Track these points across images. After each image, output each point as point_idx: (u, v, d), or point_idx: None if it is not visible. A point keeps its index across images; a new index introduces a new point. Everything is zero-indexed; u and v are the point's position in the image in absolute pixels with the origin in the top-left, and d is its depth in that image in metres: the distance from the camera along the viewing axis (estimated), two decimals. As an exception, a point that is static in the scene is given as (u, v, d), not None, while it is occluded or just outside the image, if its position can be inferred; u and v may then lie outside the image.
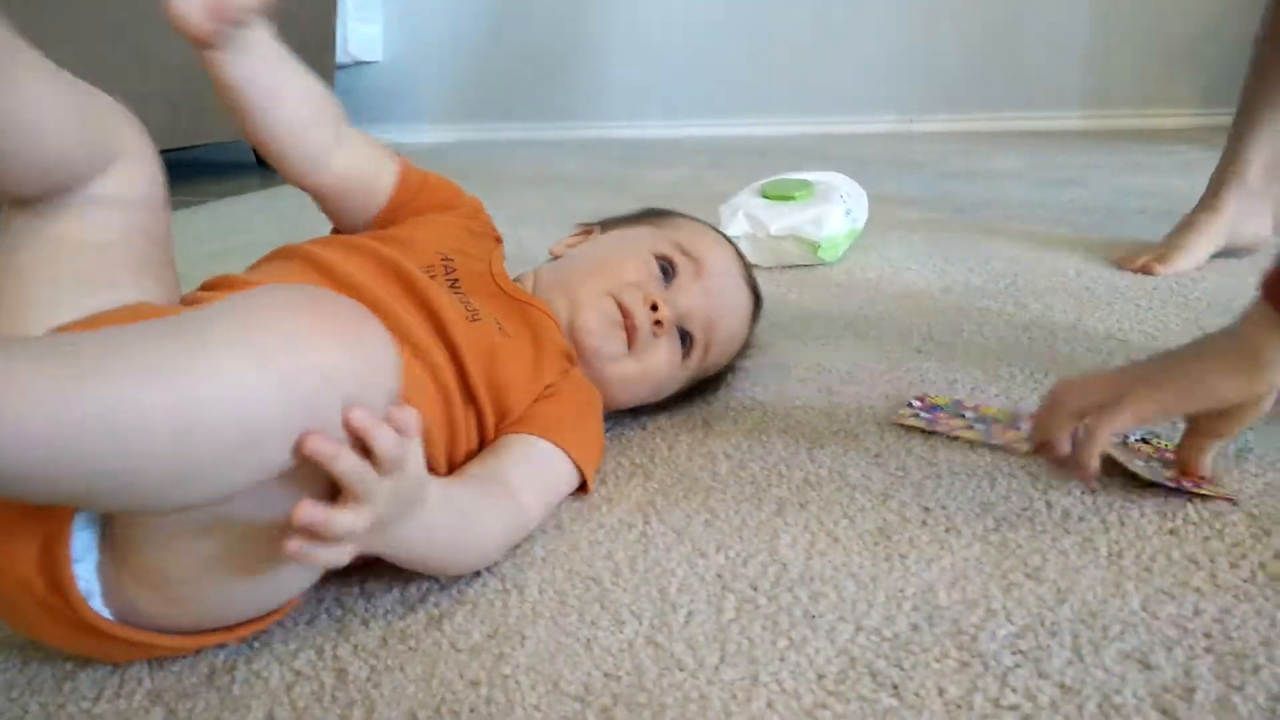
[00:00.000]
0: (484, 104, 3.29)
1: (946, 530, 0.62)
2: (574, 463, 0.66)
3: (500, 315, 0.68)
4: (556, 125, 3.19)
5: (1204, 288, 1.14)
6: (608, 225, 0.85)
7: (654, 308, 0.72)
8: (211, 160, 2.63)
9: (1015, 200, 1.75)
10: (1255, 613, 0.52)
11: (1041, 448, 0.65)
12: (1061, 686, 0.47)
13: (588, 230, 0.86)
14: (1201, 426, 0.64)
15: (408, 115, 3.33)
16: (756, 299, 0.84)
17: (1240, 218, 1.22)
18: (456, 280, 0.68)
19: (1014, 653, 0.49)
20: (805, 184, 1.41)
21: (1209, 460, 0.65)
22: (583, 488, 0.67)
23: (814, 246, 1.31)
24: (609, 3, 3.10)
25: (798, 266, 1.32)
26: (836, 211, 1.35)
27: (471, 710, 0.47)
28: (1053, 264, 1.28)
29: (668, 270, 0.76)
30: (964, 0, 2.84)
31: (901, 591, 0.55)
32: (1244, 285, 1.06)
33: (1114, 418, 0.60)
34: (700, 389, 0.84)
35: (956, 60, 2.89)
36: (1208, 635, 0.50)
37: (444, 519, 0.52)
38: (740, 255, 0.84)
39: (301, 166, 0.67)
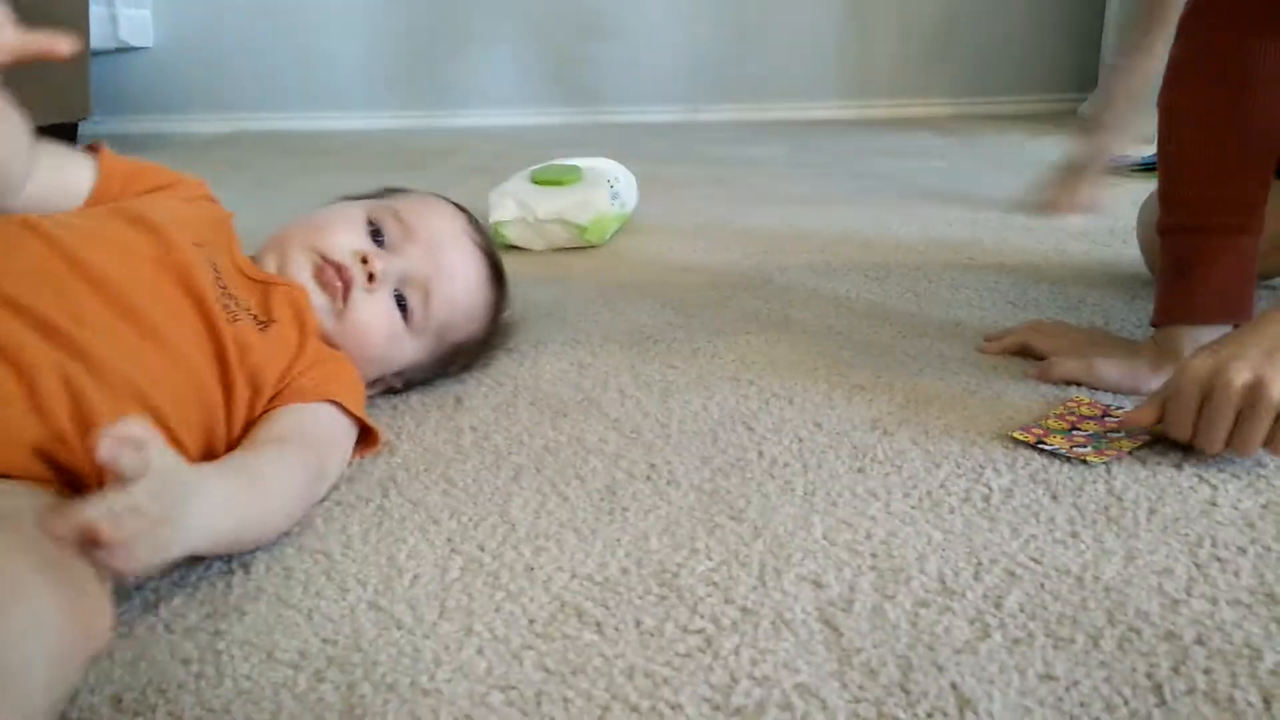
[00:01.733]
0: (258, 93, 3.15)
1: (668, 483, 0.67)
2: (341, 406, 0.68)
3: (255, 303, 0.68)
4: (326, 115, 3.10)
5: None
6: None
7: (364, 261, 0.74)
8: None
9: (776, 182, 1.86)
10: (916, 534, 0.59)
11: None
12: (743, 609, 0.52)
13: None
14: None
15: (180, 104, 3.15)
16: (494, 268, 0.85)
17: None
18: (219, 276, 0.66)
19: (707, 585, 0.54)
20: (574, 169, 1.45)
21: None
22: (369, 437, 0.70)
23: (580, 229, 1.35)
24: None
25: (566, 250, 1.36)
26: (602, 196, 1.40)
27: (179, 686, 0.47)
28: (802, 242, 1.37)
29: (378, 234, 0.77)
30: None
31: (618, 540, 0.59)
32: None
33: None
34: (456, 364, 0.85)
35: (728, 53, 3.01)
36: (874, 555, 0.57)
37: (232, 487, 0.53)
38: (473, 225, 0.84)
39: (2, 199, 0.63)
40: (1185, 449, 0.69)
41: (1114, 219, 1.43)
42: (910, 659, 0.48)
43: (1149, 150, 1.93)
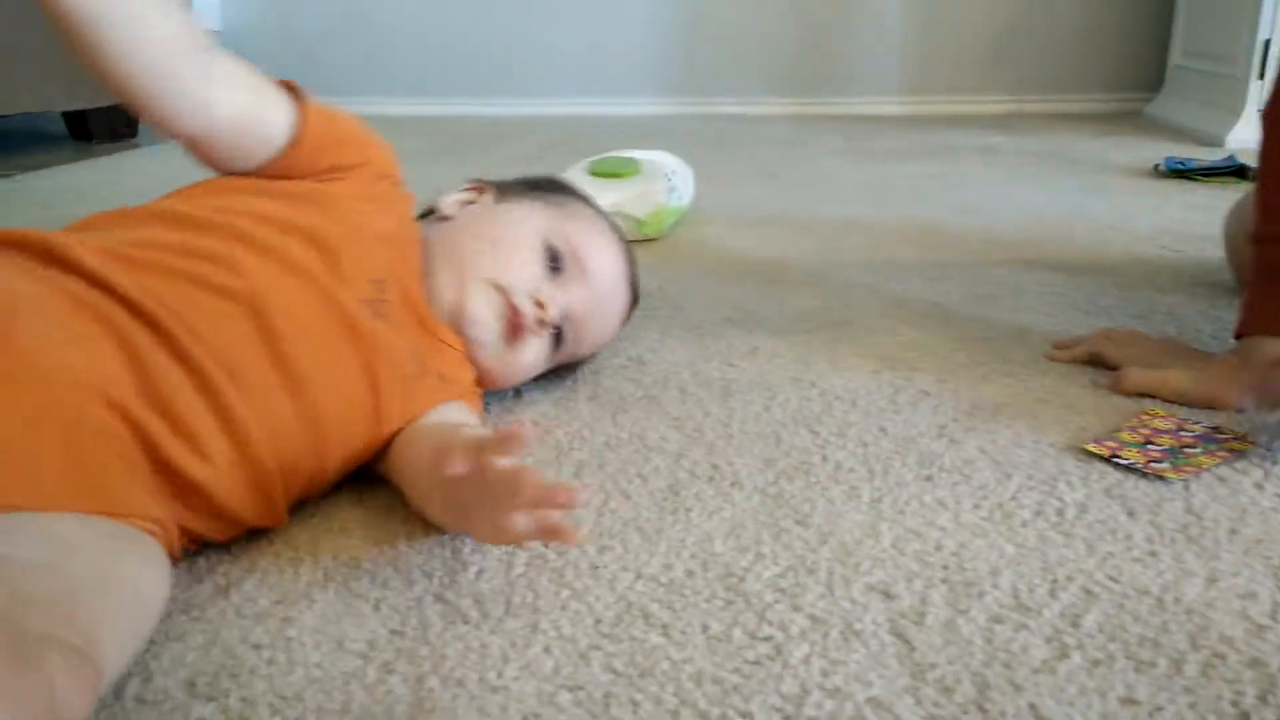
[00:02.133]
0: (327, 76, 3.19)
1: (731, 485, 0.66)
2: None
3: (424, 350, 0.67)
4: (393, 100, 3.12)
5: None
6: (502, 190, 0.81)
7: (539, 304, 0.72)
8: (18, 130, 2.46)
9: (836, 180, 1.84)
10: (989, 546, 0.58)
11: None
12: (812, 618, 0.51)
13: (479, 188, 0.81)
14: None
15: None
16: (634, 299, 0.84)
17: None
18: (387, 314, 0.64)
19: (775, 590, 0.54)
20: (632, 162, 1.45)
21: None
22: None
23: (638, 223, 1.34)
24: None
25: (624, 242, 1.35)
26: (660, 189, 1.39)
27: (251, 672, 0.47)
28: (859, 238, 1.36)
29: (556, 264, 0.75)
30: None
31: (682, 542, 0.59)
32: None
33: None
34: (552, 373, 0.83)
35: (790, 49, 2.98)
36: (945, 567, 0.56)
37: None
38: (627, 252, 0.82)
39: (176, 105, 0.58)
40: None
41: (1185, 223, 1.39)
42: (986, 676, 0.47)
43: (1220, 153, 1.88)
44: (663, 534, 0.60)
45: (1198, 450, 0.69)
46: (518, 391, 0.82)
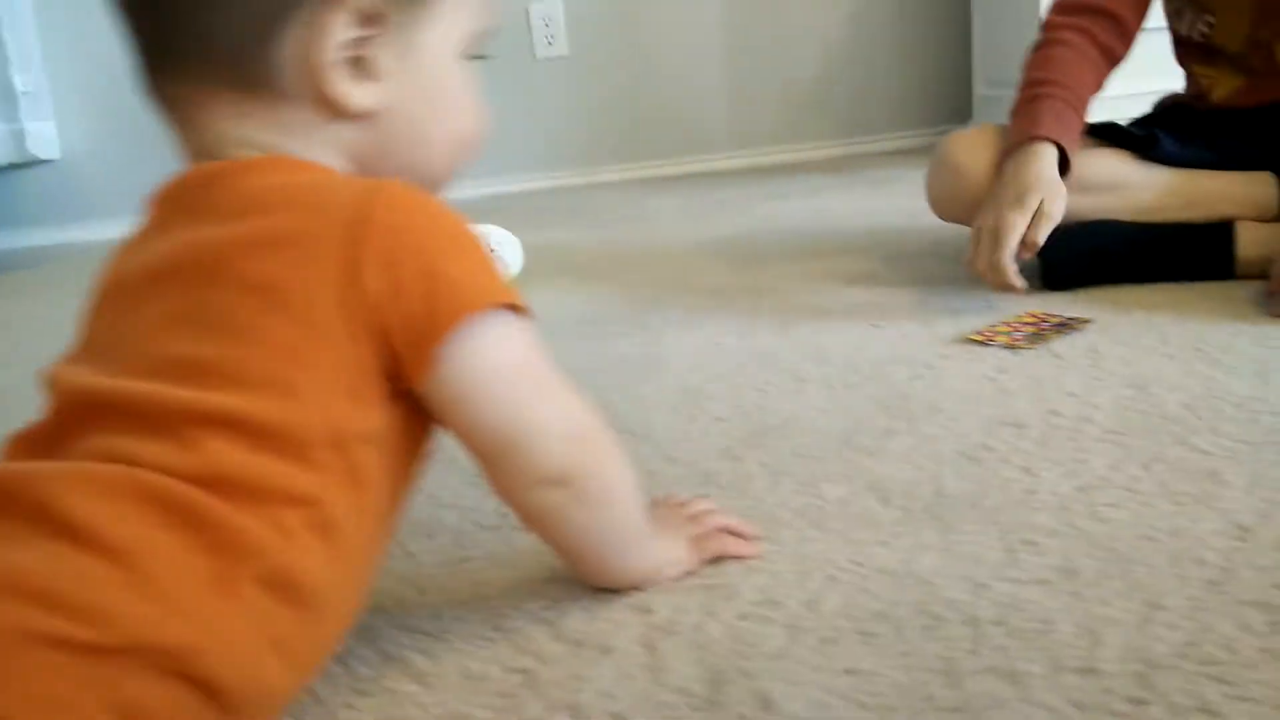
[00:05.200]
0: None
1: (514, 528, 0.67)
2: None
3: None
4: None
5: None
6: None
7: None
8: None
9: (665, 234, 1.91)
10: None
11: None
12: (572, 642, 0.53)
13: None
14: None
15: (93, 212, 3.12)
16: None
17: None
18: None
19: (538, 621, 0.55)
20: (455, 238, 1.47)
21: None
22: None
23: (462, 296, 1.36)
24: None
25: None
26: (483, 261, 1.42)
27: None
28: (685, 286, 1.40)
29: None
30: (605, 60, 3.04)
31: (456, 589, 0.60)
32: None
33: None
34: None
35: (627, 114, 3.08)
36: (700, 576, 0.58)
37: None
38: None
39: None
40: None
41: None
42: (723, 671, 0.49)
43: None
44: (445, 589, 0.61)
45: (1049, 330, 0.96)
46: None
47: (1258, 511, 0.59)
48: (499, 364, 0.50)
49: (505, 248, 1.51)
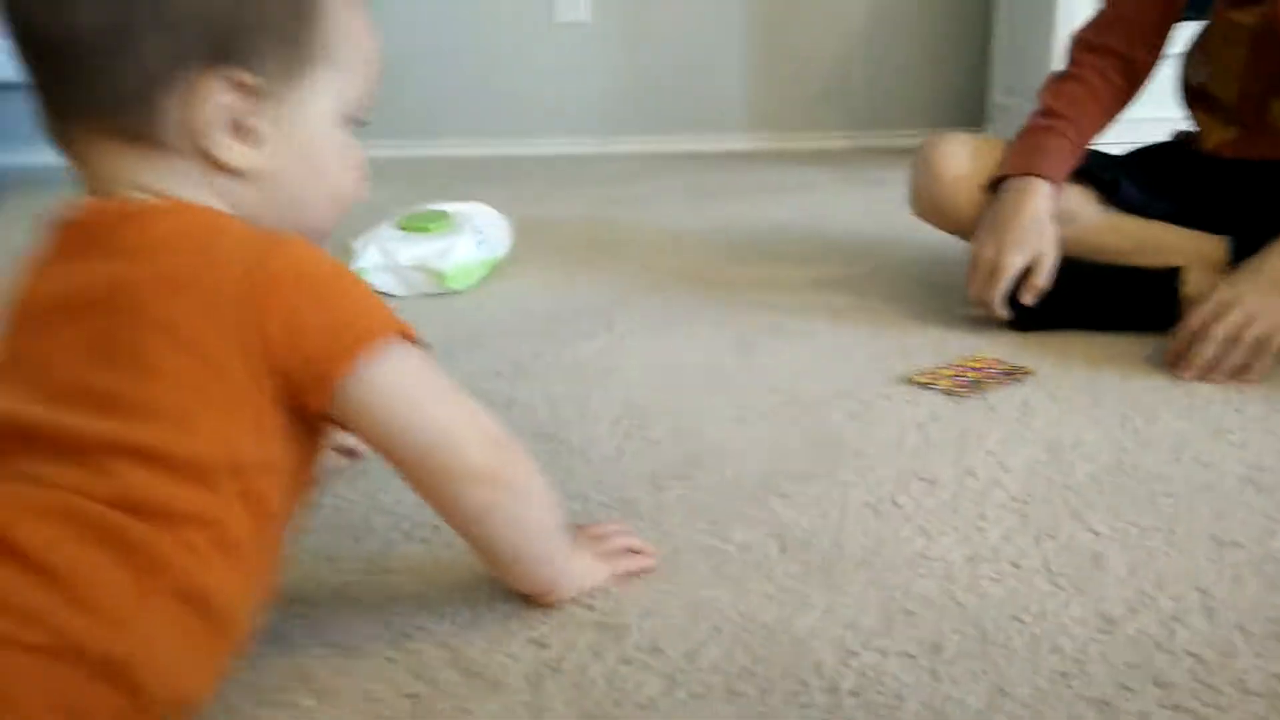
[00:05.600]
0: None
1: (445, 545, 0.72)
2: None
3: None
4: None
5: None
6: None
7: None
8: None
9: (660, 218, 1.93)
10: (645, 589, 0.65)
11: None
12: (466, 672, 0.57)
13: None
14: None
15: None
16: None
17: None
18: None
19: (441, 647, 0.59)
20: (442, 215, 1.50)
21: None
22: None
23: (441, 276, 1.39)
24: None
25: (431, 296, 1.40)
26: (466, 242, 1.45)
27: None
28: (664, 285, 1.43)
29: None
30: (626, 28, 3.03)
31: (368, 606, 0.64)
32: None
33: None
34: None
35: (642, 85, 3.08)
36: (593, 610, 0.62)
37: None
38: None
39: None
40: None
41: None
42: (596, 716, 0.53)
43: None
44: (359, 601, 0.65)
45: (990, 379, 1.00)
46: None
47: (1127, 603, 0.63)
48: (400, 380, 0.55)
49: (493, 229, 1.53)
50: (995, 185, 1.17)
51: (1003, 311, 1.12)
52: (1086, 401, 0.95)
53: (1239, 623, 0.61)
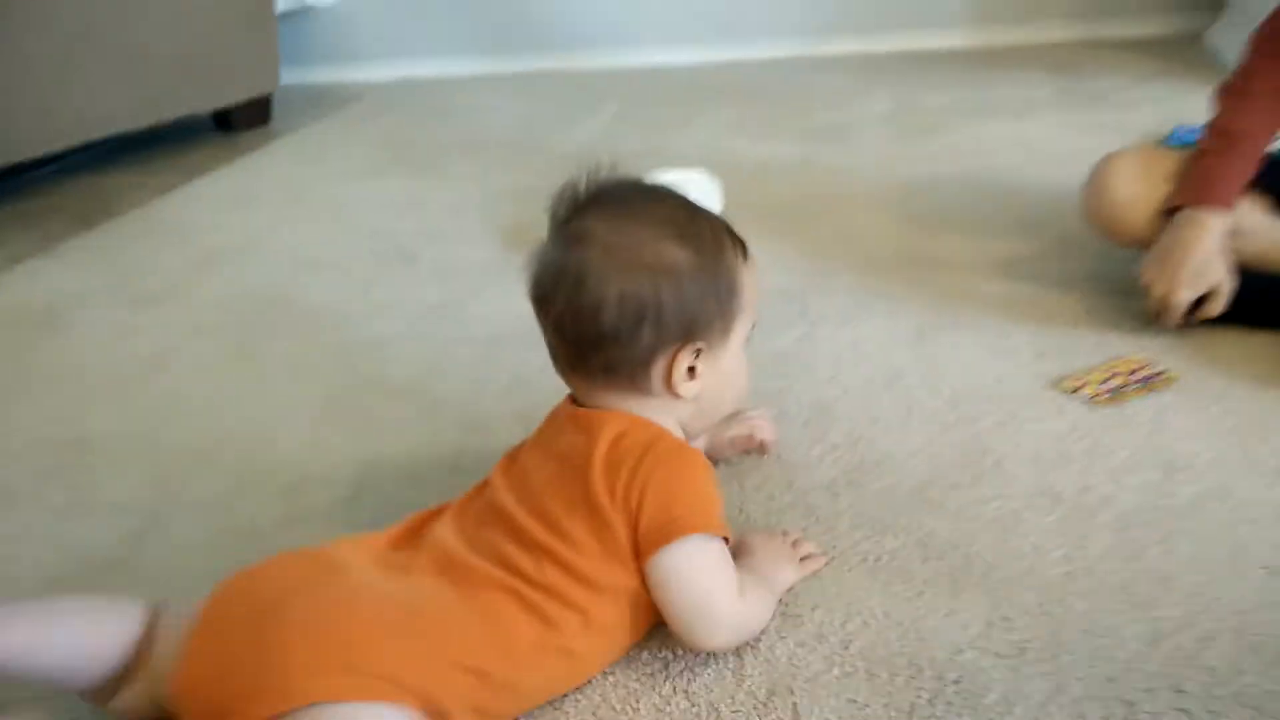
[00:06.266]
0: (438, 37, 3.48)
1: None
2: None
3: None
4: (513, 59, 3.40)
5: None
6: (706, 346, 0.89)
7: None
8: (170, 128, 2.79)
9: (862, 160, 2.08)
10: (817, 585, 0.92)
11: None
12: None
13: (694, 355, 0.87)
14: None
15: (363, 54, 3.54)
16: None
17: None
18: None
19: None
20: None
21: None
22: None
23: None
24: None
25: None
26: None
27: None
28: (856, 257, 1.63)
29: None
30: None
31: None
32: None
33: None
34: None
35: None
36: (782, 603, 0.91)
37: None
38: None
39: None
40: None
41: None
42: (777, 686, 0.82)
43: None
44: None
45: (1132, 387, 1.15)
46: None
47: (1176, 622, 0.84)
48: (699, 567, 0.81)
49: (703, 194, 1.77)
50: (1169, 213, 1.26)
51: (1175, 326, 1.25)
52: (1214, 415, 1.11)
53: (1256, 645, 0.81)
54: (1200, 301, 1.24)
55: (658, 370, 0.84)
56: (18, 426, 1.36)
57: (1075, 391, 1.18)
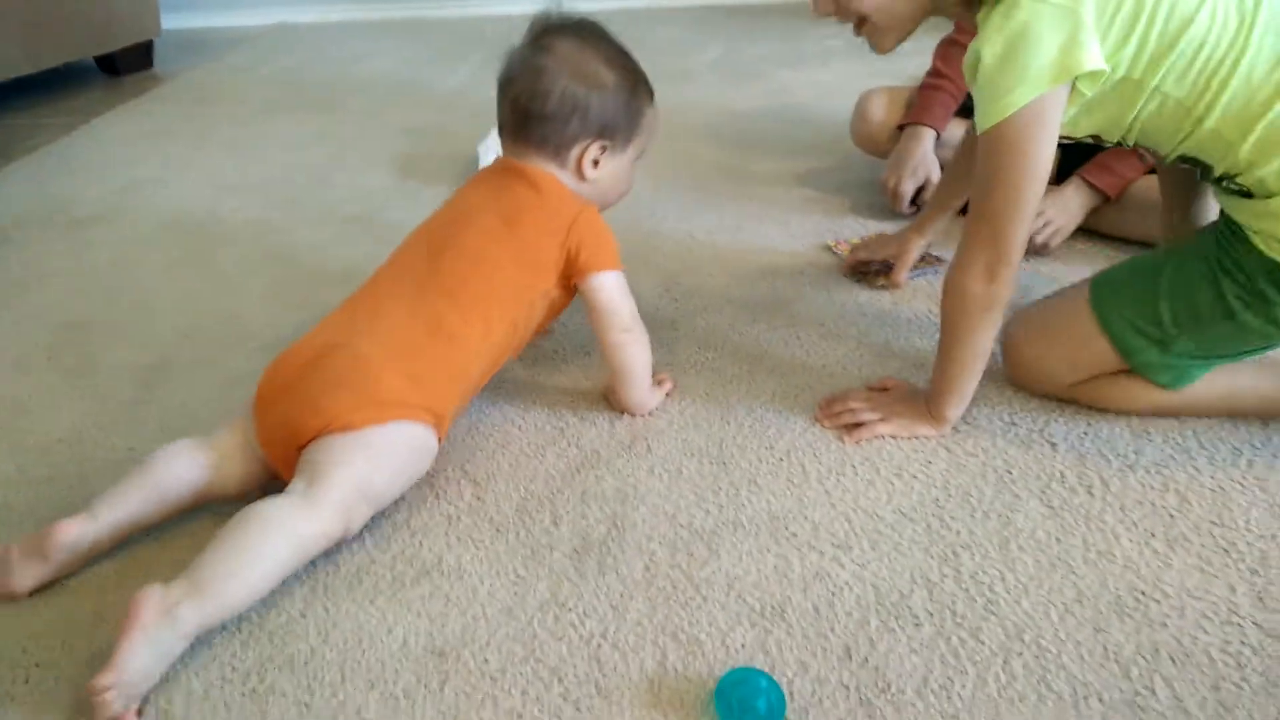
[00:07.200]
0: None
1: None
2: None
3: None
4: (386, 5, 3.61)
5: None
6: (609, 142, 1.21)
7: None
8: (51, 72, 2.92)
9: (698, 106, 2.50)
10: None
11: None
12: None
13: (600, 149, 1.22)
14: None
15: (241, 1, 3.68)
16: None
17: None
18: None
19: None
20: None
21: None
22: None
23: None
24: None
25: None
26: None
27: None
28: (695, 175, 2.06)
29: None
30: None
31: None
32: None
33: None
34: None
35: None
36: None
37: None
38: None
39: None
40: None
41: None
42: (635, 436, 1.25)
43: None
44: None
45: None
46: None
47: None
48: (610, 286, 1.18)
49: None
50: (901, 128, 1.75)
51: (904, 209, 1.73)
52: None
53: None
54: (920, 191, 1.72)
55: (574, 152, 1.16)
56: (16, 316, 1.61)
57: (832, 249, 1.66)
